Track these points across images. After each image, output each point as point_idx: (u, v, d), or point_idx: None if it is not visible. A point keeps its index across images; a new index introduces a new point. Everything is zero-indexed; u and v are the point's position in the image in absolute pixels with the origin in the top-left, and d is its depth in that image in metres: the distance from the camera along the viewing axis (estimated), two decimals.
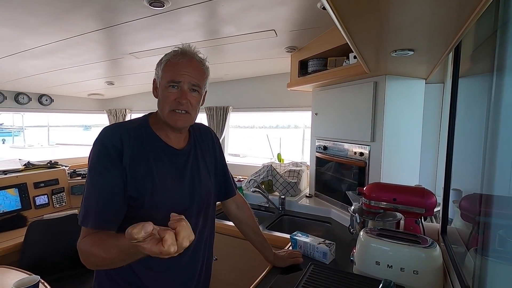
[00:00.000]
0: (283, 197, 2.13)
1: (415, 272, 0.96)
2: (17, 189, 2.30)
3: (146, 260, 0.86)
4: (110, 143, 0.84)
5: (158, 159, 0.91)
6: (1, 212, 2.16)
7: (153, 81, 0.95)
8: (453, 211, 1.21)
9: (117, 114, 3.73)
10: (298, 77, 2.03)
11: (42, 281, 1.37)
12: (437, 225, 1.38)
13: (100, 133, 0.88)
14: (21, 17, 1.31)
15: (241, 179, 2.57)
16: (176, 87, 0.88)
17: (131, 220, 0.82)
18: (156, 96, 0.94)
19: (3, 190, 2.22)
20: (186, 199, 0.95)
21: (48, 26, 1.44)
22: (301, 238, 1.33)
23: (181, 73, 0.87)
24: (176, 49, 0.91)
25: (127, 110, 3.71)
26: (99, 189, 0.82)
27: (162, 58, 0.92)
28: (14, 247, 1.90)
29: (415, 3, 0.64)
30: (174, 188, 0.92)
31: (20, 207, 2.28)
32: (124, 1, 1.24)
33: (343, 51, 1.65)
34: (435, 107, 1.73)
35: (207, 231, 1.04)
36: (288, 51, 2.03)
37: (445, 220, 1.25)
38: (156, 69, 0.93)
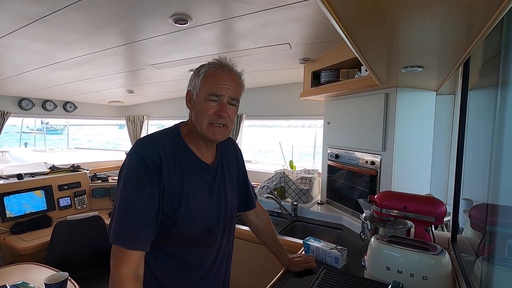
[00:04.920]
0: (296, 203, 2.18)
1: (424, 278, 0.99)
2: (43, 191, 2.44)
3: (175, 277, 0.90)
4: (149, 159, 0.81)
5: (191, 174, 0.89)
6: (29, 212, 2.31)
7: (187, 92, 0.93)
8: (464, 221, 1.23)
9: (135, 120, 3.88)
10: (311, 87, 2.10)
11: (70, 277, 1.46)
12: (447, 233, 1.40)
13: (136, 147, 0.85)
14: (58, 34, 1.44)
15: (254, 185, 2.63)
16: (215, 100, 0.86)
17: (161, 237, 0.86)
18: (190, 108, 0.92)
19: (31, 192, 2.37)
20: (213, 216, 0.94)
21: (80, 42, 1.57)
22: (314, 243, 1.38)
23: (222, 86, 0.86)
24: (214, 61, 0.89)
25: (144, 117, 3.86)
26: (135, 207, 0.80)
27: (199, 70, 0.89)
28: (41, 246, 2.03)
29: (421, 29, 0.70)
30: (204, 205, 0.91)
31: (45, 208, 2.42)
32: (151, 20, 1.35)
33: (355, 64, 1.71)
34: (446, 118, 1.76)
35: (229, 247, 1.04)
36: (301, 62, 2.10)
37: (455, 229, 1.28)
38: (192, 80, 0.91)
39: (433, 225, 1.25)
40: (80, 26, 1.37)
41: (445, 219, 1.26)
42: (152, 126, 4.07)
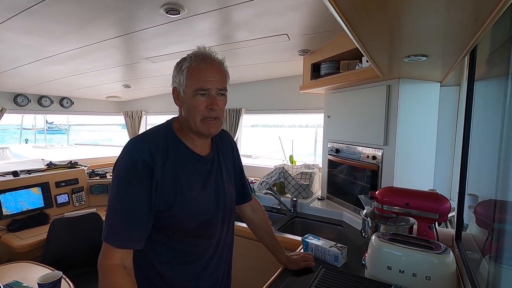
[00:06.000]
0: (295, 199, 2.14)
1: (427, 278, 0.95)
2: (40, 188, 2.42)
3: (176, 269, 0.89)
4: (139, 158, 0.81)
5: (185, 167, 0.88)
6: (26, 209, 2.28)
7: (173, 90, 0.91)
8: (469, 217, 1.19)
9: (134, 116, 3.84)
10: (311, 80, 2.04)
11: (64, 276, 1.44)
12: (451, 230, 1.36)
13: (128, 146, 0.85)
14: (49, 27, 1.39)
15: (254, 181, 2.59)
16: (204, 94, 0.85)
17: (161, 229, 0.86)
18: (179, 105, 0.91)
19: (27, 189, 2.34)
20: (212, 207, 0.94)
21: (72, 34, 1.52)
22: (313, 241, 1.35)
23: (207, 79, 0.84)
24: (194, 53, 0.87)
25: (142, 112, 3.82)
26: (125, 207, 0.81)
27: (181, 65, 0.87)
28: (38, 243, 2.00)
29: (426, 14, 0.64)
30: (201, 196, 0.91)
31: (43, 205, 2.40)
32: (142, 10, 1.29)
33: (356, 55, 1.65)
34: (451, 110, 1.71)
35: (229, 238, 1.04)
36: (300, 54, 2.04)
37: (460, 226, 1.24)
38: (176, 77, 0.89)
39: (436, 222, 1.20)
40: (70, 17, 1.32)
41: (449, 215, 1.21)
42: (150, 124, 4.02)
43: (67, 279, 1.46)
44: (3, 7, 1.18)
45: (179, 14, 1.29)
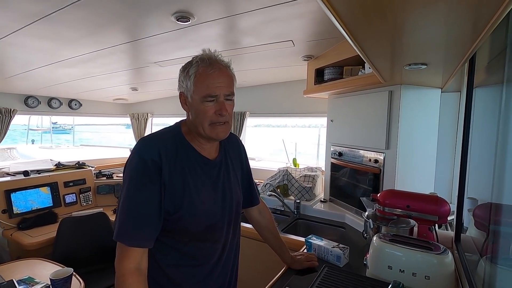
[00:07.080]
0: (298, 201, 2.17)
1: (426, 277, 0.99)
2: (49, 188, 2.48)
3: (183, 272, 0.91)
4: (149, 158, 0.83)
5: (193, 171, 0.89)
6: (35, 208, 2.34)
7: (180, 94, 0.91)
8: (469, 220, 1.22)
9: (140, 118, 3.91)
10: (314, 84, 2.08)
11: (75, 274, 1.48)
12: (451, 233, 1.39)
13: (137, 146, 0.86)
14: (62, 32, 1.45)
15: (258, 183, 2.63)
16: (212, 100, 0.85)
17: (168, 233, 0.88)
18: (186, 110, 0.91)
19: (37, 188, 2.40)
20: (219, 211, 0.94)
21: (84, 39, 1.58)
22: (316, 241, 1.38)
23: (216, 85, 0.84)
24: (201, 57, 0.86)
25: (149, 114, 3.88)
26: (136, 206, 0.82)
27: (188, 71, 0.86)
28: (47, 242, 2.06)
29: (425, 24, 0.68)
30: (209, 200, 0.91)
31: (51, 205, 2.46)
32: (152, 17, 1.35)
33: (359, 61, 1.69)
34: (452, 116, 1.74)
35: (236, 241, 1.05)
36: (304, 60, 2.09)
37: (459, 228, 1.27)
38: (183, 81, 0.88)
39: (436, 224, 1.23)
40: (83, 23, 1.38)
41: (449, 218, 1.24)
42: (156, 126, 4.07)
43: (77, 276, 1.51)
44: (23, 14, 1.24)
45: (189, 21, 1.34)
